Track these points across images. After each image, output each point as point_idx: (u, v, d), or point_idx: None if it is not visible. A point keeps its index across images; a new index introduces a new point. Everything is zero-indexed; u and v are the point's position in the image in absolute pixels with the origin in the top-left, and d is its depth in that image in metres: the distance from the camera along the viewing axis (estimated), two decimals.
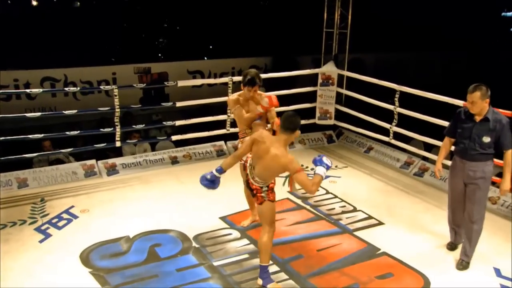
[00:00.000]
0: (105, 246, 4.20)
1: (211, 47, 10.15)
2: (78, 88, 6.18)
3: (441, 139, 4.29)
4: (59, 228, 4.52)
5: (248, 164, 3.67)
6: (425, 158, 5.99)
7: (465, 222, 4.00)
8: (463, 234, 4.09)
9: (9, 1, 9.91)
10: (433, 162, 5.72)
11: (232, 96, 4.28)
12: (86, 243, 4.21)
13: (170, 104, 5.94)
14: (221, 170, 3.63)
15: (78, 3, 10.51)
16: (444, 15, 10.89)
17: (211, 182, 3.68)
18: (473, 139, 3.80)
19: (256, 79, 4.10)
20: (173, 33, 10.11)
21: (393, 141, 5.98)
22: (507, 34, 13.33)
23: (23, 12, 9.46)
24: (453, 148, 4.16)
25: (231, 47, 9.62)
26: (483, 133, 3.76)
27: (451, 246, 4.29)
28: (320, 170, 3.37)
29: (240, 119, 4.21)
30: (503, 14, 14.78)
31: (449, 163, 4.21)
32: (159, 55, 9.55)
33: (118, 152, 6.24)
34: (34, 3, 10.12)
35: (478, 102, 3.71)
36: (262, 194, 3.59)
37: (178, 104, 5.87)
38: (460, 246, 4.17)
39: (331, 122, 6.84)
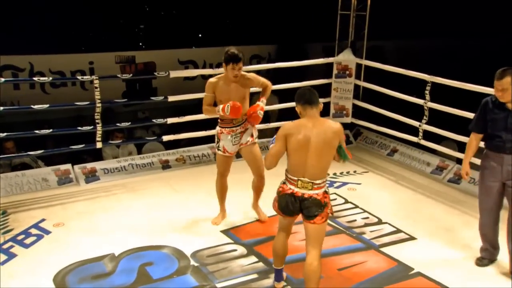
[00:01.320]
0: (85, 266, 4.09)
1: (201, 35, 10.06)
2: (50, 79, 6.02)
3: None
4: (27, 246, 4.39)
5: (291, 179, 3.44)
6: (460, 161, 5.92)
7: (511, 228, 4.00)
8: (509, 244, 4.03)
9: None
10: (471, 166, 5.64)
11: (212, 80, 4.42)
12: (61, 264, 4.08)
13: (161, 98, 5.86)
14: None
15: None
16: None
17: None
18: (510, 130, 3.87)
19: (239, 54, 4.18)
20: (162, 16, 10.02)
21: (423, 142, 5.92)
22: None
23: None
24: (481, 144, 4.16)
25: (229, 34, 9.54)
26: None
27: (483, 263, 4.25)
28: None
29: (203, 107, 4.48)
30: None
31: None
32: (140, 44, 9.45)
33: (97, 156, 6.15)
34: None
35: (509, 89, 3.77)
36: (329, 207, 3.48)
37: (171, 98, 5.79)
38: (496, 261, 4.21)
39: (348, 120, 6.78)
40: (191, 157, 6.20)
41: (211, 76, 7.90)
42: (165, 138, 5.84)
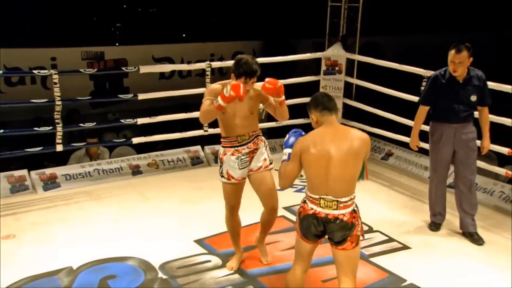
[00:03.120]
0: (37, 281, 4.03)
1: (179, 30, 10.09)
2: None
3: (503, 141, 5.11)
4: None
5: (311, 197, 3.23)
6: None
7: (459, 192, 4.78)
8: (458, 207, 4.82)
9: None
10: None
11: (214, 85, 3.94)
12: (10, 279, 4.02)
13: (130, 96, 5.86)
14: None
15: None
16: None
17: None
18: (462, 100, 4.55)
19: (255, 66, 3.74)
20: (137, 11, 10.08)
21: (422, 144, 5.90)
22: None
23: None
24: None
25: (210, 28, 9.60)
26: (470, 92, 4.53)
27: (436, 227, 4.96)
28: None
29: (201, 111, 3.87)
30: None
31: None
32: (116, 37, 9.47)
33: (61, 163, 6.11)
34: None
35: (466, 62, 4.44)
36: (358, 229, 3.25)
37: (141, 96, 5.78)
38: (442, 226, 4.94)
39: (339, 120, 6.78)
40: (165, 161, 6.21)
41: (189, 72, 7.99)
42: (135, 140, 5.85)
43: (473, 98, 4.56)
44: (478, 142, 4.79)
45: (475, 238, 4.73)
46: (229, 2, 9.82)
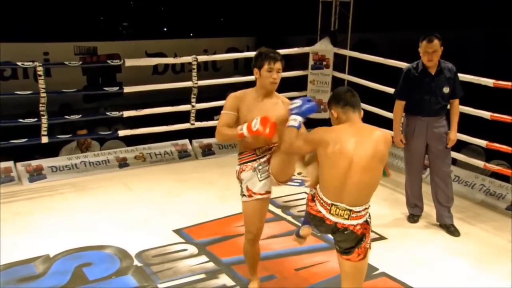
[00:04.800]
0: (12, 269, 4.09)
1: (172, 25, 10.17)
2: None
3: (470, 133, 5.15)
4: None
5: (322, 200, 2.93)
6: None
7: (435, 185, 4.82)
8: (435, 200, 4.86)
9: None
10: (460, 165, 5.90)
11: (234, 93, 3.51)
12: None
13: (116, 89, 5.94)
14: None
15: None
16: None
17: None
18: (434, 93, 4.60)
19: (276, 54, 3.40)
20: (131, 5, 10.18)
21: None
22: None
23: None
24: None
25: (203, 24, 9.67)
26: (442, 84, 4.60)
27: (414, 219, 5.01)
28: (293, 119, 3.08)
29: (217, 129, 3.44)
30: None
31: None
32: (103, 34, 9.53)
33: (52, 156, 6.19)
34: None
35: (438, 51, 4.51)
36: (368, 241, 3.02)
37: (127, 89, 5.87)
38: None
39: (327, 115, 6.75)
40: (152, 154, 6.28)
41: (182, 68, 8.01)
42: (121, 133, 5.92)
43: (446, 90, 4.61)
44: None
45: (451, 230, 4.78)
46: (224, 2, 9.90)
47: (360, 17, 7.48)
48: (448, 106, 4.76)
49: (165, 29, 10.14)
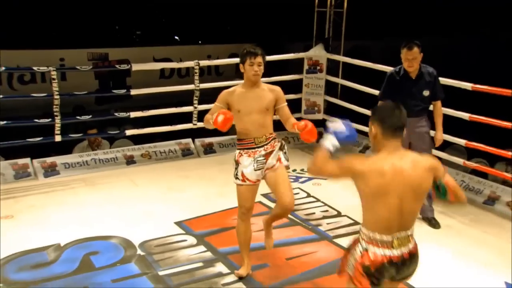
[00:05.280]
0: (26, 256, 4.18)
1: (179, 33, 10.25)
2: (2, 68, 6.08)
3: (452, 133, 5.15)
4: None
5: (380, 241, 2.53)
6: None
7: None
8: None
9: None
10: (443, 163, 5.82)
11: (226, 90, 3.76)
12: (2, 254, 4.15)
13: (123, 91, 6.00)
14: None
15: None
16: None
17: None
18: (415, 96, 4.63)
19: (256, 49, 3.61)
20: (140, 14, 10.24)
21: None
22: None
23: None
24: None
25: (207, 31, 9.72)
26: (423, 88, 4.64)
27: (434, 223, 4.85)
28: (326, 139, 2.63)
29: (205, 120, 3.73)
30: None
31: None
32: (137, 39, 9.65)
33: (66, 154, 6.24)
34: None
35: (418, 57, 4.55)
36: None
37: (133, 92, 5.94)
38: None
39: (320, 116, 6.87)
40: (157, 153, 6.31)
41: (187, 72, 8.06)
42: (129, 132, 5.98)
43: (426, 93, 4.63)
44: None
45: (432, 223, 4.81)
46: (226, 8, 9.93)
47: (353, 25, 7.49)
48: (432, 108, 4.79)
49: (177, 37, 10.20)
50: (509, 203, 5.14)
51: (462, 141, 5.29)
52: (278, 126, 6.08)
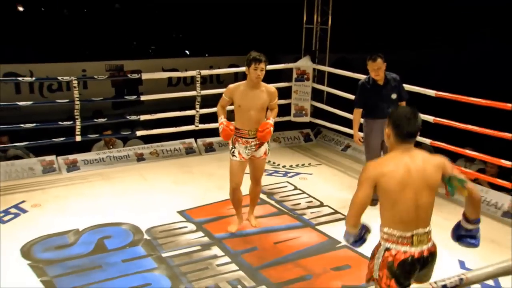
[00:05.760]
0: (51, 239, 4.26)
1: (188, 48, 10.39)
2: (33, 79, 6.21)
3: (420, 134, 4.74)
4: (4, 222, 4.58)
5: (400, 237, 2.47)
6: None
7: None
8: None
9: None
10: None
11: (231, 85, 4.13)
12: (31, 237, 4.25)
13: (134, 97, 6.08)
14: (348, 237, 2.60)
15: None
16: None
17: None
18: (385, 100, 4.71)
19: (260, 55, 3.94)
20: (150, 31, 10.36)
21: None
22: None
23: None
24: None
25: (210, 46, 9.80)
26: (390, 92, 4.74)
27: (374, 203, 4.72)
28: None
29: (218, 106, 4.19)
30: None
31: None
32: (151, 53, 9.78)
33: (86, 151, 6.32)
34: None
35: (382, 67, 4.67)
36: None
37: (143, 98, 6.03)
38: None
39: (307, 119, 6.93)
40: (164, 151, 6.34)
41: (192, 80, 8.15)
42: (139, 133, 6.03)
43: (393, 96, 4.74)
44: None
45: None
46: (225, 25, 10.02)
47: (337, 40, 7.55)
48: None
49: (187, 51, 10.32)
50: None
51: (427, 141, 5.34)
52: (281, 127, 6.19)
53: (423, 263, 2.44)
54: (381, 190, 2.46)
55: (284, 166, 6.12)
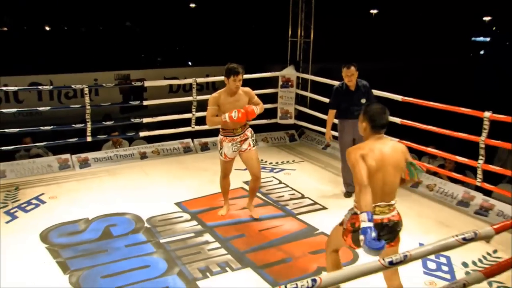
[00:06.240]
0: (64, 226, 4.31)
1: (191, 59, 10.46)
2: (51, 87, 6.25)
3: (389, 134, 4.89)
4: (26, 211, 4.63)
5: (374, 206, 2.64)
6: None
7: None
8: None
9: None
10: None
11: (213, 94, 4.10)
12: (48, 224, 4.31)
13: (137, 102, 6.10)
14: (370, 216, 2.50)
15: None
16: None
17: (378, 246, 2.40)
18: (355, 103, 4.79)
19: (238, 68, 3.96)
20: (156, 44, 10.43)
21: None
22: None
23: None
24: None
25: (207, 57, 9.85)
26: (360, 97, 4.82)
27: (349, 194, 5.03)
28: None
29: (208, 118, 4.11)
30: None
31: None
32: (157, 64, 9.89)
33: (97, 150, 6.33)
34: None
35: (355, 74, 4.76)
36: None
37: (145, 103, 6.08)
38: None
39: (292, 121, 6.97)
40: (164, 150, 6.35)
41: (190, 87, 8.23)
42: (142, 134, 6.06)
43: (363, 100, 4.80)
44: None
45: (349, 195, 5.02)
46: (219, 37, 10.07)
47: (319, 52, 7.61)
48: None
49: (190, 62, 10.38)
50: (428, 186, 5.22)
51: (395, 140, 5.37)
52: (268, 128, 6.21)
53: (381, 228, 2.63)
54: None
55: (270, 163, 6.16)
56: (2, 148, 5.29)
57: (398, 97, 5.30)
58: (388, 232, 2.68)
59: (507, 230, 2.28)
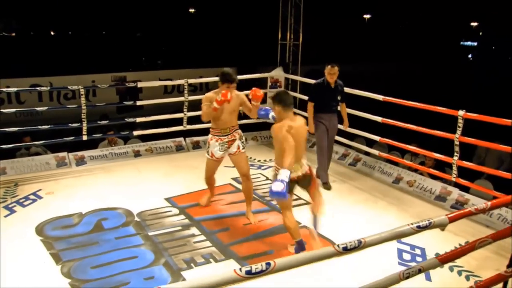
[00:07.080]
0: (59, 220, 4.39)
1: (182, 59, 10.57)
2: (48, 88, 6.33)
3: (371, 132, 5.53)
4: (24, 206, 4.71)
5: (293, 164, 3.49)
6: (365, 152, 6.16)
7: (328, 153, 5.27)
8: (326, 166, 5.24)
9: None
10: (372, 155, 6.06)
11: (208, 93, 4.16)
12: (44, 218, 4.40)
13: (131, 102, 6.17)
14: (289, 174, 3.31)
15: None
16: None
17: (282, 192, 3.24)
18: (332, 99, 5.12)
19: (234, 76, 4.01)
20: (156, 48, 10.53)
21: (337, 137, 6.11)
22: None
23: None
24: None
25: (200, 59, 9.94)
26: (337, 94, 5.13)
27: (328, 186, 5.24)
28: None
29: (203, 113, 4.14)
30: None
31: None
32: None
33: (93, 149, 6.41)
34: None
35: (337, 73, 5.04)
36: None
37: (139, 103, 6.13)
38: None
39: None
40: (157, 148, 6.41)
41: (184, 89, 8.36)
42: (135, 133, 6.11)
43: (339, 97, 5.19)
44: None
45: (327, 186, 5.26)
46: (214, 40, 10.16)
47: (309, 54, 7.70)
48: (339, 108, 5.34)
49: (177, 61, 10.47)
50: (409, 182, 5.30)
51: (376, 138, 5.47)
52: (258, 127, 6.27)
53: (301, 180, 3.63)
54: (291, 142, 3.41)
55: (259, 161, 6.23)
56: (3, 146, 5.37)
57: (379, 97, 5.39)
58: (303, 180, 3.63)
59: (461, 219, 2.36)
